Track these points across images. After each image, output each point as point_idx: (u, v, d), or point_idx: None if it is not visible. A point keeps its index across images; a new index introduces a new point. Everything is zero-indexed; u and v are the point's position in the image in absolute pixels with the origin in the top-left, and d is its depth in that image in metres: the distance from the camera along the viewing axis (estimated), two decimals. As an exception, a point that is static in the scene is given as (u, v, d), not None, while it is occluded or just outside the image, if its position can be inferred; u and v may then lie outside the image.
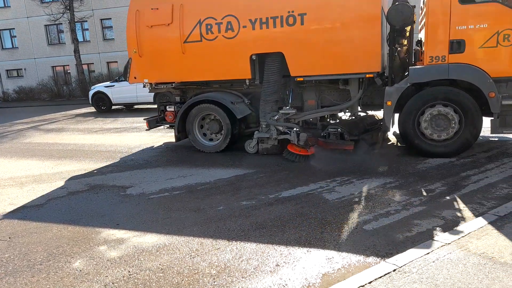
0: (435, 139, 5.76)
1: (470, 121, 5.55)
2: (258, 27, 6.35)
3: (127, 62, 7.50)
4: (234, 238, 3.57)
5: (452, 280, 2.52)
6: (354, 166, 5.68)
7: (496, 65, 5.34)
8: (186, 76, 7.06)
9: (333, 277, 2.83)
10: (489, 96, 5.33)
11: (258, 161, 6.34)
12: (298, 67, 6.34)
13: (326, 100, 6.92)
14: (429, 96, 5.69)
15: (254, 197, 4.65)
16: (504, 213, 3.51)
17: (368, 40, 5.85)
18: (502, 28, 5.21)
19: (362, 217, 3.87)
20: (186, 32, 6.77)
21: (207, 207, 4.40)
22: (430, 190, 4.52)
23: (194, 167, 6.26)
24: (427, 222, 3.67)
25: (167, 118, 7.52)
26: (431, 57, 5.60)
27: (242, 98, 7.08)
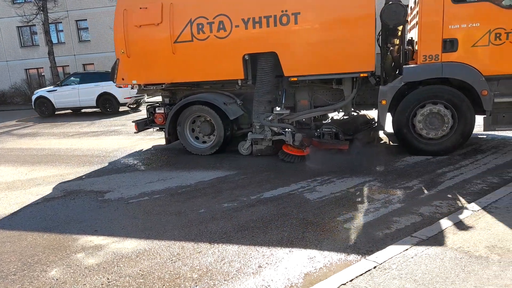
0: (429, 137, 5.81)
1: (464, 119, 5.61)
2: (251, 26, 6.26)
3: (115, 63, 7.28)
4: (216, 241, 3.54)
5: (430, 275, 2.58)
6: (336, 165, 5.74)
7: (488, 64, 5.42)
8: (176, 77, 6.90)
9: (315, 276, 2.85)
10: (481, 94, 5.41)
11: (239, 163, 6.32)
12: (292, 67, 6.27)
13: (319, 100, 6.88)
14: (422, 95, 5.73)
15: (235, 198, 4.63)
16: (479, 208, 3.62)
17: (362, 40, 5.84)
18: (494, 27, 5.29)
19: (343, 216, 3.92)
20: (176, 32, 6.61)
21: (188, 210, 4.35)
22: (408, 188, 4.62)
23: (175, 170, 6.18)
24: (406, 219, 3.75)
25: (156, 120, 7.34)
26: (425, 56, 5.64)
27: (234, 98, 6.95)
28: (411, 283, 2.50)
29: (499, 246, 2.88)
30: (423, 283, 2.48)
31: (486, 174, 4.89)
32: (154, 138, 9.07)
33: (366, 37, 5.83)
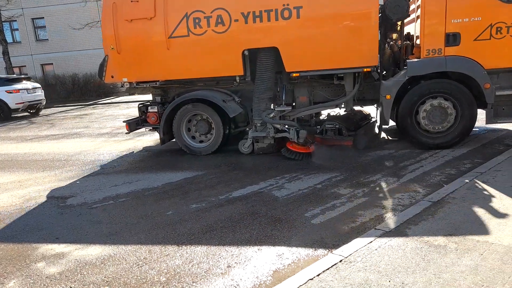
0: (433, 131, 5.86)
1: (467, 112, 5.69)
2: (251, 21, 6.03)
3: (103, 60, 6.89)
4: (184, 243, 3.49)
5: (393, 266, 2.67)
6: (304, 162, 5.82)
7: (489, 57, 5.49)
8: (171, 73, 6.61)
9: (284, 273, 2.88)
10: (484, 88, 5.48)
11: (208, 163, 6.27)
12: (294, 62, 6.12)
13: (318, 96, 6.76)
14: (426, 89, 5.76)
15: (204, 199, 4.59)
16: (437, 199, 3.79)
17: (366, 34, 5.76)
18: (495, 21, 5.38)
19: (310, 212, 3.98)
20: (171, 27, 6.30)
21: (155, 213, 4.27)
22: (372, 182, 4.77)
23: (141, 172, 6.04)
24: (370, 212, 3.86)
25: (149, 119, 7.00)
26: (428, 50, 5.66)
27: (232, 96, 6.70)
28: (375, 275, 2.58)
29: (456, 234, 3.03)
30: (386, 274, 2.57)
31: (444, 166, 5.13)
32: (118, 140, 8.82)
33: (369, 31, 5.75)
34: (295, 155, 6.01)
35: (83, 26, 21.71)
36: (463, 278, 2.44)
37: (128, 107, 16.99)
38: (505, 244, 2.80)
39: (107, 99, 22.00)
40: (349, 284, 2.50)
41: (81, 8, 23.34)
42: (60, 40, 25.42)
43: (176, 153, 7.07)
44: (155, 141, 8.42)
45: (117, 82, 7.00)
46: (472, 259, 2.65)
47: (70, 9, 24.54)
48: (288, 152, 6.10)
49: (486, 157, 5.20)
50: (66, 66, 25.09)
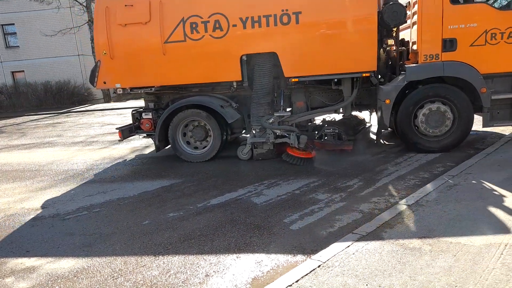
0: (431, 135, 5.94)
1: (464, 116, 5.79)
2: (250, 26, 6.02)
3: (95, 65, 6.70)
4: (161, 253, 3.42)
5: (370, 269, 2.70)
6: (282, 168, 5.84)
7: (484, 62, 5.63)
8: (167, 79, 6.49)
9: (263, 280, 2.86)
10: (481, 92, 5.60)
11: (185, 170, 6.19)
12: (293, 67, 6.14)
13: (315, 101, 6.76)
14: (424, 93, 5.85)
15: (181, 207, 4.52)
16: (412, 202, 3.88)
17: (365, 39, 5.82)
18: (490, 27, 5.54)
19: (289, 218, 3.98)
20: (167, 32, 6.21)
21: (131, 223, 4.16)
22: (349, 186, 4.83)
23: (116, 181, 5.89)
24: (347, 216, 3.90)
25: (143, 126, 6.81)
26: (425, 55, 5.78)
27: (228, 101, 6.63)
28: (352, 279, 2.60)
29: (430, 236, 3.10)
30: (363, 278, 2.60)
31: (418, 170, 5.26)
32: (93, 149, 8.60)
33: (369, 37, 5.80)
34: (296, 160, 5.99)
35: (56, 33, 21.18)
36: (437, 280, 2.49)
37: (103, 115, 16.65)
38: (477, 245, 2.88)
39: (82, 107, 21.48)
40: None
41: (54, 15, 22.77)
42: (32, 47, 24.67)
43: (152, 161, 6.96)
44: (131, 149, 8.27)
45: (110, 88, 6.77)
46: (446, 261, 2.71)
47: (42, 16, 23.88)
48: (289, 157, 6.07)
49: (457, 161, 5.37)
50: (38, 73, 24.35)
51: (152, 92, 6.75)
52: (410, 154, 6.08)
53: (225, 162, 6.52)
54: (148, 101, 7.09)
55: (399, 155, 6.08)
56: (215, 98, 6.59)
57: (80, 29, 23.02)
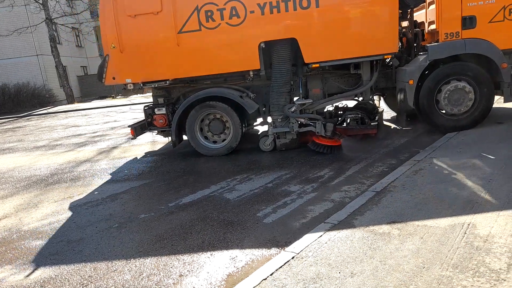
0: (454, 113, 5.97)
1: (486, 93, 5.83)
2: (268, 11, 5.81)
3: (103, 60, 6.32)
4: (133, 256, 3.33)
5: (342, 257, 2.75)
6: (254, 163, 5.84)
7: (503, 38, 5.70)
8: (182, 71, 6.21)
9: (238, 276, 2.85)
10: (501, 67, 5.66)
11: (156, 170, 6.06)
12: (313, 53, 5.97)
13: (332, 87, 6.62)
14: (446, 72, 5.88)
15: (152, 208, 4.42)
16: (380, 189, 3.98)
17: (386, 20, 5.76)
18: (508, 2, 5.63)
19: (262, 211, 3.99)
20: (180, 21, 5.93)
21: (100, 228, 4.03)
22: (320, 177, 4.89)
23: (83, 185, 5.68)
24: (319, 206, 3.96)
25: (156, 122, 6.53)
26: (446, 33, 5.81)
27: (245, 92, 6.41)
28: (325, 268, 2.63)
29: (398, 221, 3.19)
30: (336, 266, 2.64)
31: (386, 157, 5.41)
32: (57, 153, 8.25)
33: (390, 18, 5.75)
34: (323, 148, 5.91)
35: (11, 33, 20.09)
36: (406, 262, 2.57)
37: (67, 117, 16.03)
38: (442, 226, 2.99)
39: (43, 109, 20.54)
40: (302, 279, 2.53)
41: (8, 13, 21.56)
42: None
43: (120, 163, 6.77)
44: (98, 151, 8.01)
45: (119, 84, 6.42)
46: (414, 243, 2.80)
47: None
48: (315, 146, 5.99)
49: (422, 146, 5.56)
50: (0, 75, 23.05)
51: (162, 86, 6.47)
52: (377, 141, 6.23)
53: (197, 159, 6.44)
54: (157, 96, 6.77)
55: (368, 143, 6.21)
56: (232, 89, 6.42)
57: (37, 28, 21.94)
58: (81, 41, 31.01)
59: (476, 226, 2.92)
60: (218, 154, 6.44)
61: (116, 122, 12.84)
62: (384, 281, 2.39)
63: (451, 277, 2.34)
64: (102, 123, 12.89)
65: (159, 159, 6.83)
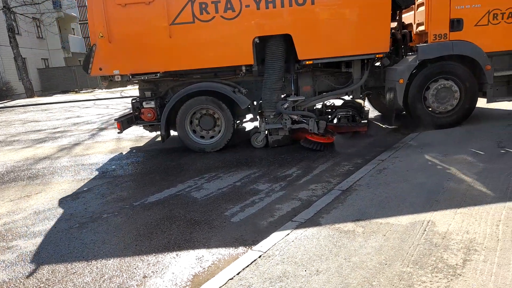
0: (440, 111, 6.20)
1: (470, 92, 6.10)
2: (264, 6, 5.79)
3: (90, 50, 5.99)
4: (94, 257, 3.20)
5: (308, 255, 2.77)
6: (224, 161, 5.79)
7: (487, 41, 5.97)
8: (174, 64, 6.05)
9: (204, 276, 2.80)
10: (485, 69, 5.95)
11: (121, 168, 5.87)
12: (307, 50, 5.99)
13: (322, 85, 6.68)
14: (434, 71, 6.08)
15: (117, 207, 4.28)
16: (346, 187, 4.06)
17: (380, 20, 5.87)
18: (492, 8, 5.92)
19: (230, 210, 3.96)
20: (173, 12, 5.78)
21: (59, 227, 3.85)
22: (288, 175, 4.93)
23: (41, 184, 5.41)
24: (287, 205, 3.98)
25: (144, 116, 6.30)
26: (435, 35, 6.02)
27: (237, 87, 6.34)
28: (292, 266, 2.65)
29: (363, 219, 3.27)
30: (302, 264, 2.66)
31: (352, 156, 5.53)
32: (14, 149, 7.81)
33: (383, 17, 5.87)
34: (316, 145, 5.93)
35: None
36: (370, 259, 2.63)
37: (26, 111, 15.25)
38: (404, 224, 3.10)
39: (0, 103, 19.41)
40: (268, 278, 2.53)
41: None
42: None
43: (82, 160, 6.50)
44: (59, 147, 7.67)
45: (106, 75, 6.19)
46: (377, 241, 2.87)
47: None
48: (308, 143, 5.99)
49: (386, 145, 5.73)
50: None
51: (152, 79, 6.26)
52: (342, 140, 6.36)
53: (165, 157, 6.31)
54: (145, 90, 6.57)
55: (336, 141, 6.32)
56: (224, 84, 6.32)
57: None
58: (42, 32, 29.56)
59: (435, 224, 3.04)
60: (209, 149, 6.34)
61: (79, 118, 12.36)
62: (348, 278, 2.44)
63: (412, 273, 2.42)
64: (64, 118, 12.36)
65: (124, 156, 6.64)
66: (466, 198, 3.45)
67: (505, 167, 4.11)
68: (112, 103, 16.66)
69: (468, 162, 4.42)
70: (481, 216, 3.07)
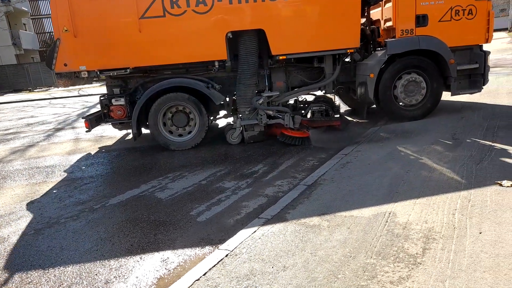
0: (408, 104, 6.40)
1: (436, 86, 6.33)
2: (236, 1, 5.70)
3: (53, 44, 5.59)
4: (52, 265, 3.03)
5: (275, 251, 2.77)
6: (188, 159, 5.68)
7: (450, 36, 6.21)
8: (144, 59, 5.84)
9: (169, 279, 2.73)
10: (449, 63, 6.19)
11: (78, 170, 5.61)
12: (280, 45, 5.96)
13: (295, 81, 6.70)
14: (402, 65, 6.28)
15: (75, 211, 4.07)
16: (311, 182, 4.11)
17: (351, 16, 5.96)
18: (454, 4, 6.17)
19: (195, 210, 3.89)
20: (143, 6, 5.57)
21: (12, 234, 3.61)
22: (255, 172, 4.92)
23: (-8, 188, 5.06)
24: (254, 202, 3.97)
25: (113, 114, 6.02)
26: (402, 30, 6.23)
27: (210, 83, 6.19)
28: (259, 263, 2.63)
29: (328, 213, 3.32)
30: (269, 261, 2.65)
31: (317, 151, 5.61)
32: (-39, 153, 7.23)
33: (354, 14, 5.98)
34: (294, 140, 5.96)
35: None
36: (335, 252, 2.67)
37: (-26, 112, 14.19)
38: (366, 216, 3.18)
39: None
40: (235, 277, 2.50)
41: None
42: None
43: (37, 162, 6.15)
44: (11, 149, 7.21)
45: (72, 71, 5.84)
46: (342, 234, 2.93)
47: None
48: (285, 138, 6.01)
49: (349, 140, 5.87)
50: None
51: (121, 75, 5.97)
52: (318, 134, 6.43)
53: (126, 157, 6.10)
54: (113, 86, 6.29)
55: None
56: (197, 80, 6.15)
57: None
58: (-10, 28, 27.61)
59: (396, 214, 3.14)
60: (183, 147, 6.24)
61: (33, 118, 11.69)
62: (314, 272, 2.46)
63: (375, 264, 2.49)
64: (16, 119, 11.65)
65: (84, 157, 6.35)
66: (424, 189, 3.60)
67: (459, 158, 4.33)
68: (69, 102, 15.90)
69: (425, 154, 4.62)
70: (438, 206, 3.21)
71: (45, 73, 26.61)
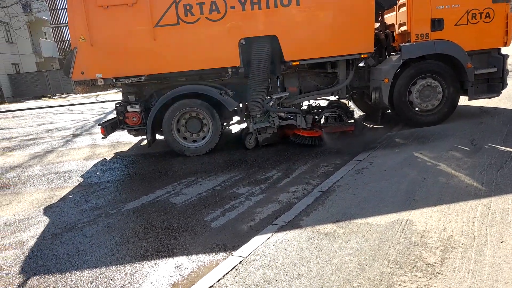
0: (424, 109, 6.34)
1: (453, 90, 6.27)
2: (249, 7, 5.76)
3: (71, 53, 5.78)
4: (68, 269, 3.07)
5: (289, 258, 2.75)
6: (203, 165, 5.71)
7: (466, 40, 6.15)
8: (158, 67, 5.93)
9: (183, 285, 2.73)
10: (467, 67, 6.11)
11: (94, 175, 5.70)
12: (293, 51, 6.01)
13: (308, 86, 6.73)
14: (418, 70, 6.23)
15: (92, 215, 4.14)
16: (326, 188, 4.07)
17: (364, 20, 5.96)
18: (471, 8, 6.11)
19: (209, 215, 3.89)
20: (157, 14, 5.67)
21: (30, 239, 3.68)
22: (269, 178, 4.90)
23: (12, 194, 5.18)
24: (267, 208, 3.95)
25: (129, 121, 6.14)
26: (417, 35, 6.19)
27: (223, 89, 6.27)
28: (273, 270, 2.61)
29: (343, 220, 3.27)
30: (283, 268, 2.63)
31: (331, 157, 5.56)
32: (-17, 158, 7.46)
33: (367, 18, 5.97)
34: (307, 140, 6.06)
35: None
36: (350, 260, 2.63)
37: (-4, 119, 14.63)
38: (383, 224, 3.12)
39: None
40: (249, 284, 2.49)
41: None
42: None
43: (55, 168, 6.28)
44: (31, 155, 7.38)
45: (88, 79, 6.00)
46: (357, 241, 2.88)
47: None
48: (298, 138, 6.11)
49: (364, 145, 5.79)
50: None
51: (137, 82, 6.08)
52: (322, 142, 6.40)
53: (141, 163, 6.17)
54: (128, 93, 6.43)
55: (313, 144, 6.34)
56: (211, 86, 6.25)
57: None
58: (12, 37, 28.54)
59: (414, 222, 3.07)
60: (196, 153, 6.28)
61: (52, 124, 11.97)
62: (329, 281, 2.42)
63: (392, 273, 2.43)
64: (36, 125, 11.95)
65: (101, 162, 6.45)
66: (442, 196, 3.52)
67: (478, 164, 4.22)
68: (87, 108, 16.24)
69: (443, 160, 4.51)
70: (457, 214, 3.13)
71: (64, 80, 27.25)
